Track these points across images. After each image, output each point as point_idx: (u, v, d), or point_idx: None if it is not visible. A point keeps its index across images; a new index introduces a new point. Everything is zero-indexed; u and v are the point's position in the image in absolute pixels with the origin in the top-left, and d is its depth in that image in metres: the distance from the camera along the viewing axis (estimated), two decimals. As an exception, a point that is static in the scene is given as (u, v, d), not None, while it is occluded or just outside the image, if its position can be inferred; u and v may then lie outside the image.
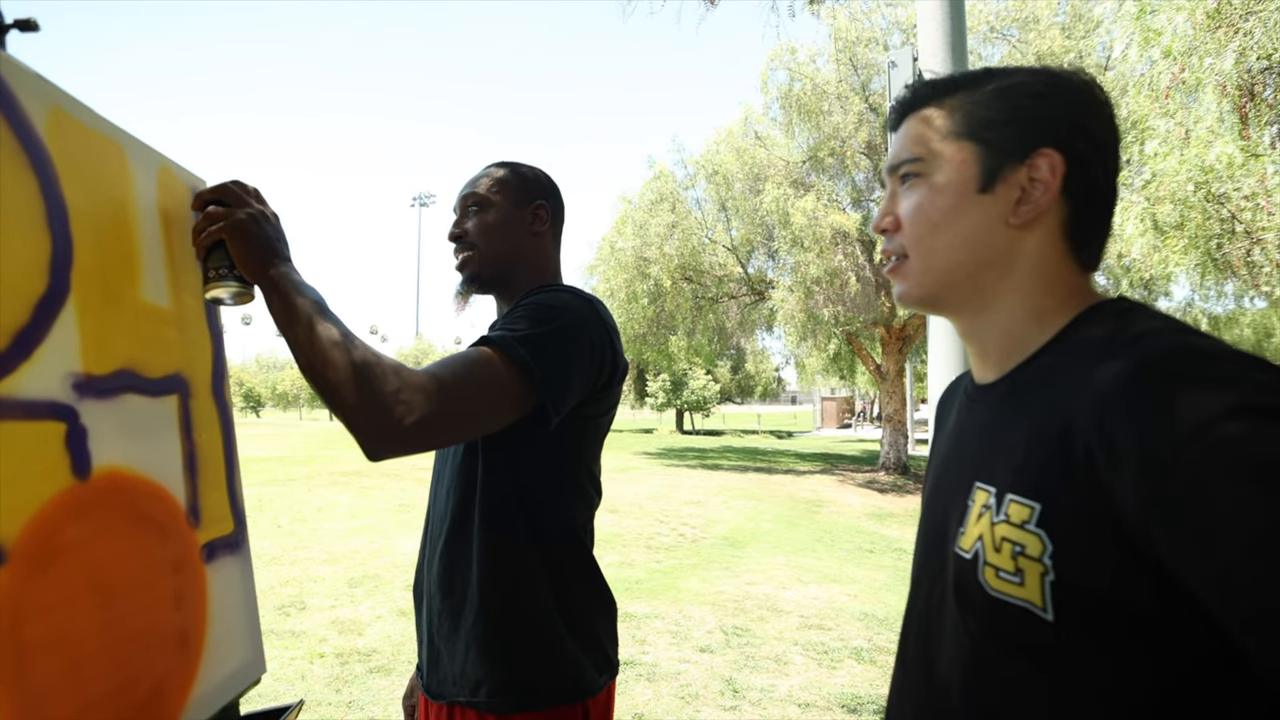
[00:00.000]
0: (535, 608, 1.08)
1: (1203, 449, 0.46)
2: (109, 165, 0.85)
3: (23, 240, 0.70)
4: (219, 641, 0.95)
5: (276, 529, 7.27)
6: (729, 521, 8.35)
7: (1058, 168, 0.63)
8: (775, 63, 12.89)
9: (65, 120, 0.79)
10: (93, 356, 0.78)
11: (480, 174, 1.28)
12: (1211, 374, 0.49)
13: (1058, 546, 0.54)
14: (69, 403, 0.74)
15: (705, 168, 14.95)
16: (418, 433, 0.86)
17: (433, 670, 1.12)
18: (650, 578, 5.56)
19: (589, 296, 1.16)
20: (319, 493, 9.84)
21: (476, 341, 1.00)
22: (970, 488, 0.65)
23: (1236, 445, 0.45)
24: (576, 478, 1.15)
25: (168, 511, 0.88)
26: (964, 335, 0.73)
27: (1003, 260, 0.66)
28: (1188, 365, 0.50)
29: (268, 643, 3.91)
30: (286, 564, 5.76)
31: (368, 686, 3.36)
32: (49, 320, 0.72)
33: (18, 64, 0.74)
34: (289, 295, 0.86)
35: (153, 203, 0.92)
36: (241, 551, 1.04)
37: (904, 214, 0.70)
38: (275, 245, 0.90)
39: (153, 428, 0.87)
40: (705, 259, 15.23)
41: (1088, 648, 0.54)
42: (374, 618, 4.38)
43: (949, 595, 0.65)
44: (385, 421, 0.84)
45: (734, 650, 3.92)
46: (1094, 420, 0.53)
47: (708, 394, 29.27)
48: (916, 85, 0.72)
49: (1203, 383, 0.48)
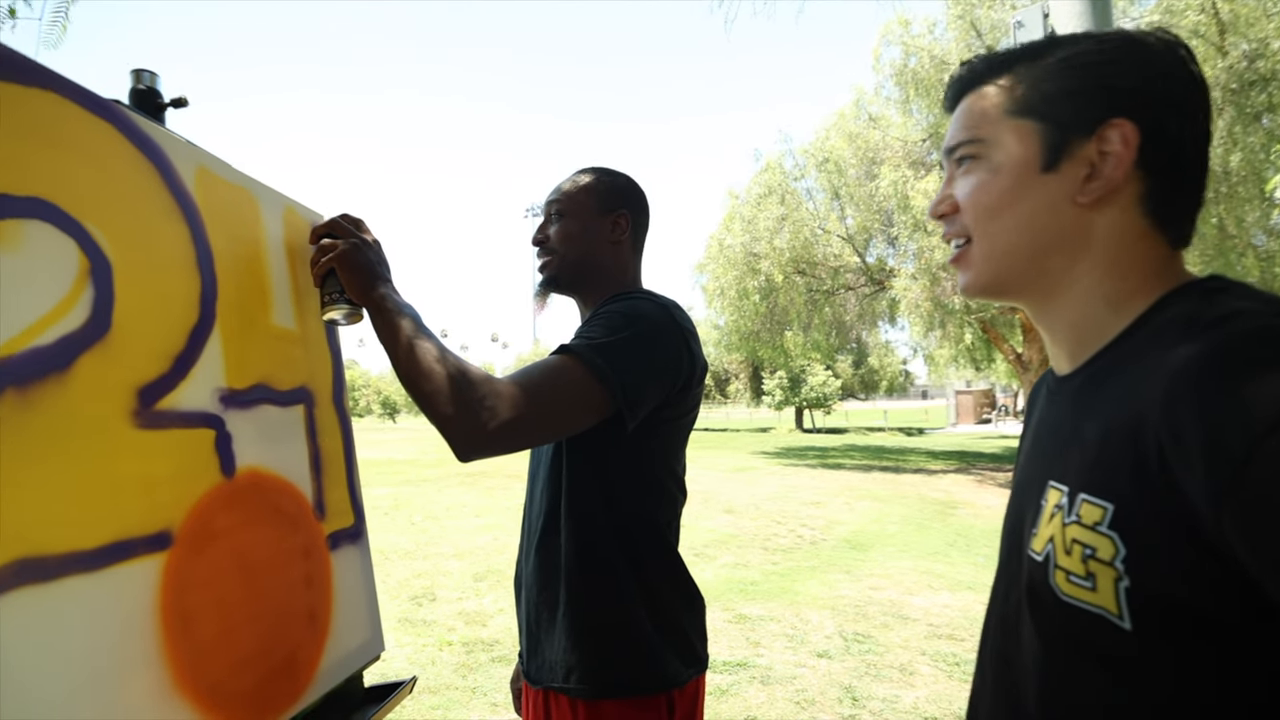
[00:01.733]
0: (620, 603, 1.13)
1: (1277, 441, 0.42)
2: (244, 211, 1.01)
3: (179, 281, 0.85)
4: (343, 620, 1.08)
5: (410, 526, 7.83)
6: (851, 523, 8.10)
7: (1131, 138, 0.58)
8: (888, 39, 12.32)
9: (209, 177, 0.94)
10: (234, 374, 0.93)
11: (567, 180, 1.32)
12: None
13: (1131, 550, 0.50)
14: (217, 413, 0.89)
15: (815, 156, 14.54)
16: (502, 436, 0.94)
17: (532, 657, 1.20)
18: (765, 580, 5.51)
19: (665, 301, 1.19)
20: (448, 493, 10.51)
21: (557, 349, 1.06)
22: (1044, 487, 0.61)
23: None
24: (659, 478, 1.19)
25: (297, 505, 1.03)
26: (1037, 324, 0.69)
27: (1072, 242, 0.62)
28: (1271, 349, 0.45)
29: (404, 630, 4.24)
30: (419, 558, 6.21)
31: (490, 674, 3.57)
32: (200, 345, 0.87)
33: (171, 134, 0.90)
34: (390, 314, 0.97)
35: (280, 240, 1.07)
36: (361, 542, 1.18)
37: (961, 198, 0.67)
38: (377, 270, 1.02)
39: (284, 433, 1.02)
40: (818, 250, 14.82)
41: (1167, 658, 0.51)
42: (497, 610, 4.64)
43: (1024, 600, 0.62)
44: (473, 426, 0.92)
45: (854, 657, 3.80)
46: (1165, 412, 0.48)
47: (828, 390, 28.48)
48: (974, 61, 0.68)
49: None
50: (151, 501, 0.77)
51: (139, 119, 0.84)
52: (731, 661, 3.75)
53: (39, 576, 0.64)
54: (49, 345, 0.67)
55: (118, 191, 0.79)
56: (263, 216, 1.04)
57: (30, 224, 0.67)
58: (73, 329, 0.70)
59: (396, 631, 4.20)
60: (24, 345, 0.65)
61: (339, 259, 1.00)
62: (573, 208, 1.28)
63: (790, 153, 15.30)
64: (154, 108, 0.92)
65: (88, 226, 0.73)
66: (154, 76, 0.92)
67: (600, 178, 1.31)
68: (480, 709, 3.18)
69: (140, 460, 0.76)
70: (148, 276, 0.80)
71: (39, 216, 0.68)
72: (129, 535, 0.73)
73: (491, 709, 3.18)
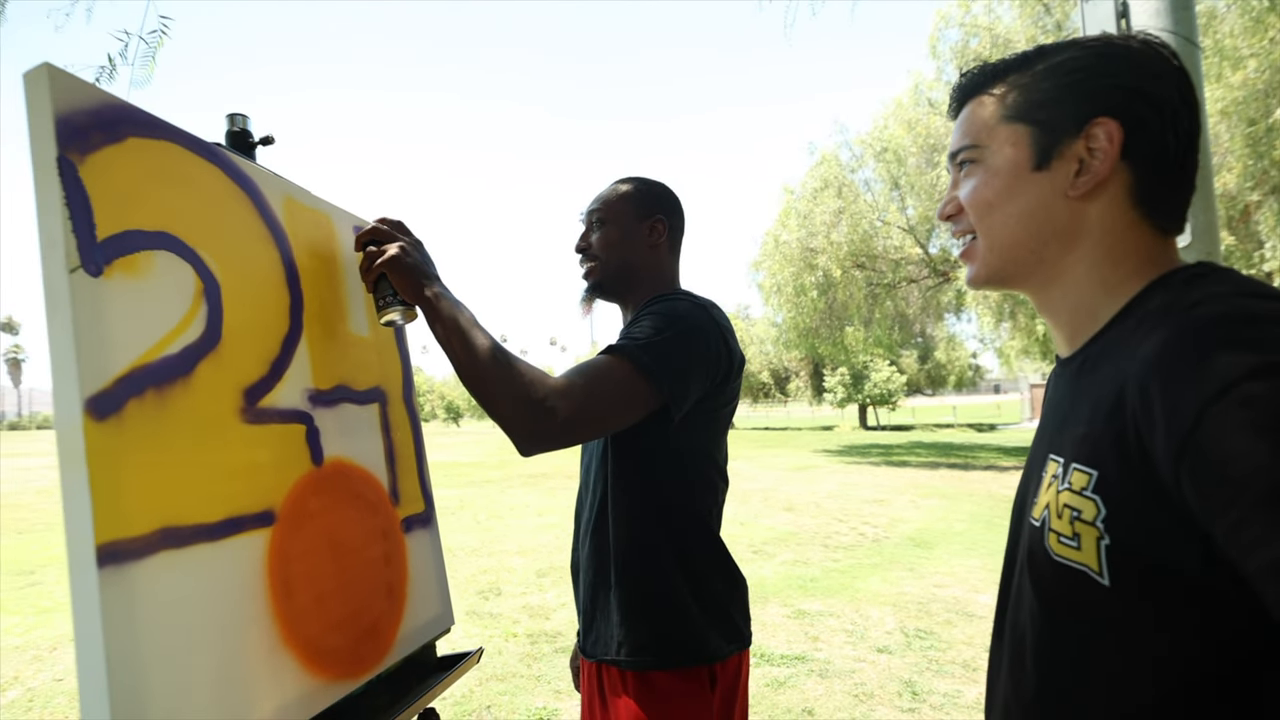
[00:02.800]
0: (665, 583, 1.21)
1: (1223, 407, 0.47)
2: (322, 231, 1.14)
3: (273, 296, 0.99)
4: (416, 596, 1.21)
5: (476, 524, 8.11)
6: (916, 521, 7.96)
7: (1115, 135, 0.63)
8: (945, 22, 12.04)
9: (293, 204, 1.08)
10: (320, 376, 1.06)
11: (606, 190, 1.40)
12: (1249, 336, 0.49)
13: (1110, 511, 0.55)
14: (307, 410, 1.02)
15: (873, 146, 14.25)
16: (561, 432, 1.03)
17: (587, 633, 1.30)
18: (825, 576, 5.50)
19: (702, 301, 1.28)
20: (511, 493, 10.81)
21: (605, 350, 1.14)
22: (1045, 459, 0.67)
23: (1255, 402, 0.46)
24: (701, 466, 1.27)
25: (375, 492, 1.16)
26: (1041, 312, 0.74)
27: (1067, 233, 0.67)
28: (1228, 329, 0.50)
29: (471, 622, 4.44)
30: (485, 555, 6.45)
31: (553, 663, 3.72)
32: (291, 352, 1.01)
33: (262, 169, 1.04)
34: (443, 312, 1.03)
35: (351, 256, 1.20)
36: (431, 526, 1.31)
37: (963, 198, 0.73)
38: (425, 269, 1.07)
39: (362, 428, 1.15)
40: (878, 243, 14.54)
41: (1143, 613, 0.55)
42: (559, 604, 4.80)
43: (1025, 564, 0.67)
44: (535, 423, 1.00)
45: (915, 653, 3.78)
46: (1138, 387, 0.54)
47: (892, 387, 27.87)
48: (970, 72, 0.74)
49: (1237, 346, 0.48)
50: (257, 485, 0.91)
51: (236, 158, 0.99)
52: (789, 654, 3.79)
53: (175, 543, 0.77)
54: (176, 354, 0.81)
55: (222, 222, 0.93)
56: (337, 235, 1.18)
57: (158, 254, 0.82)
58: (193, 340, 0.84)
59: (464, 623, 4.40)
60: (159, 354, 0.79)
61: (388, 264, 1.05)
62: (613, 215, 1.36)
63: (846, 144, 15.09)
64: (246, 146, 1.06)
65: (201, 253, 0.88)
66: (245, 119, 1.07)
67: (637, 186, 1.38)
68: (544, 695, 3.32)
69: (247, 450, 0.90)
70: (248, 293, 0.94)
71: (164, 247, 0.82)
72: (241, 512, 0.87)
73: (554, 695, 3.32)
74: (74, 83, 0.76)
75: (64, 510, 0.70)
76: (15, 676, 3.74)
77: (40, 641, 4.30)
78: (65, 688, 3.56)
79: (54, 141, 0.71)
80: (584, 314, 1.44)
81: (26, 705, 3.37)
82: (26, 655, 4.06)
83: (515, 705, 3.22)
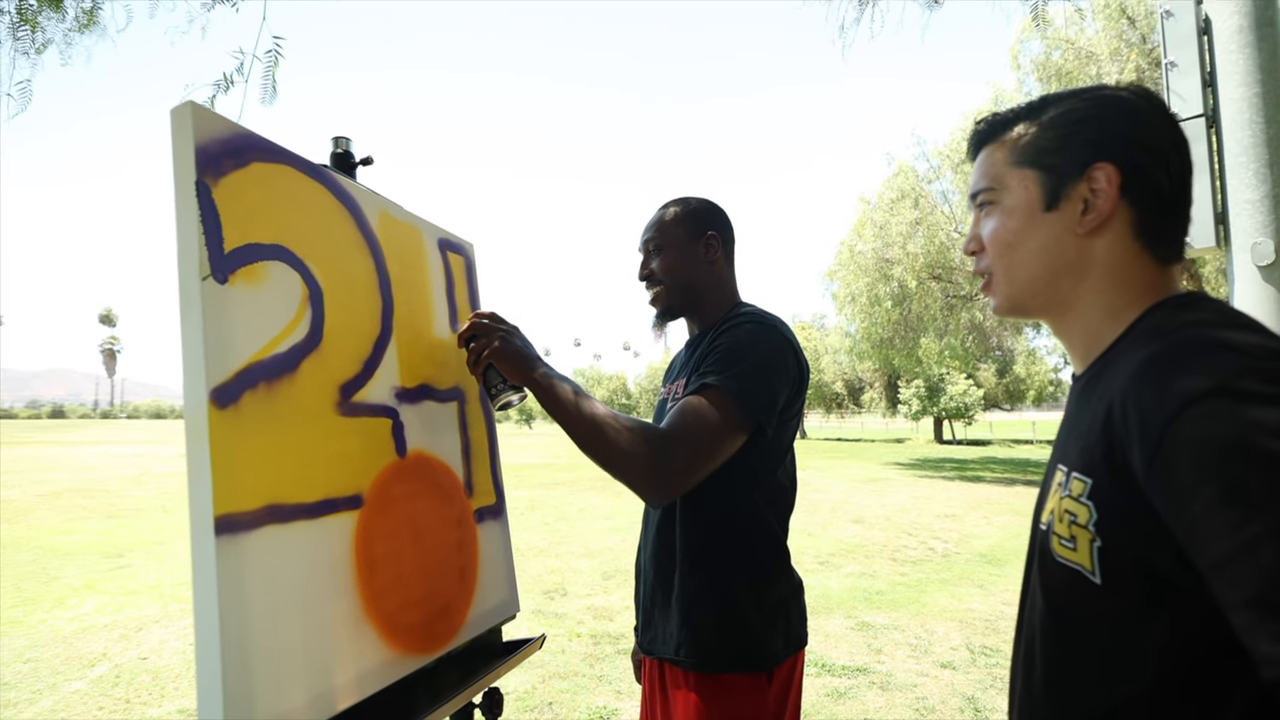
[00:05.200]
0: (729, 586, 1.25)
1: (1180, 424, 0.54)
2: (411, 243, 1.25)
3: (368, 302, 1.10)
4: (486, 582, 1.30)
5: (545, 526, 8.30)
6: (988, 537, 7.69)
7: (1113, 177, 0.70)
8: (1027, 34, 11.71)
9: (387, 219, 1.19)
10: (406, 375, 1.17)
11: (656, 217, 1.45)
12: (1208, 361, 0.55)
13: (1101, 515, 0.62)
14: (393, 405, 1.12)
15: (951, 158, 13.97)
16: (684, 478, 1.11)
17: (646, 630, 1.35)
18: (892, 589, 5.39)
19: (772, 320, 1.32)
20: (579, 496, 11.00)
21: (697, 388, 1.18)
22: (1054, 469, 0.74)
23: (1205, 421, 0.52)
24: (770, 473, 1.29)
25: (452, 483, 1.26)
26: (1057, 335, 0.80)
27: (1077, 266, 0.74)
28: (1192, 354, 0.57)
29: (536, 621, 4.56)
30: (552, 556, 6.60)
31: (615, 664, 3.79)
32: (382, 352, 1.11)
33: (362, 186, 1.15)
34: (554, 391, 1.13)
35: (439, 265, 1.31)
36: (501, 518, 1.40)
37: (985, 237, 0.80)
38: (528, 353, 1.17)
39: (441, 424, 1.25)
40: (955, 255, 14.17)
41: (1130, 607, 0.61)
42: (623, 607, 4.88)
43: (1035, 564, 0.74)
44: (660, 479, 1.09)
45: (980, 670, 3.69)
46: (1120, 401, 0.60)
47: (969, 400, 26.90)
48: (988, 118, 0.82)
49: (1196, 369, 0.55)
50: (349, 470, 1.01)
51: (340, 177, 1.10)
52: (851, 666, 3.74)
53: (279, 519, 0.88)
54: (285, 353, 0.92)
55: (326, 235, 1.04)
56: (425, 246, 1.29)
57: (273, 264, 0.93)
58: (299, 340, 0.95)
59: (530, 622, 4.53)
60: (270, 352, 0.90)
61: (495, 355, 1.15)
62: (669, 240, 1.42)
63: (924, 155, 14.82)
64: (348, 167, 1.18)
65: (308, 263, 0.99)
66: (348, 141, 1.19)
67: (684, 207, 1.44)
68: (605, 695, 3.40)
69: (342, 439, 1.00)
70: (347, 299, 1.05)
71: (278, 258, 0.94)
72: (335, 495, 0.97)
73: (615, 695, 3.39)
74: (211, 116, 0.88)
75: (189, 485, 0.81)
76: (104, 653, 3.99)
77: (128, 621, 4.57)
78: (149, 666, 3.79)
79: (194, 168, 0.83)
80: (656, 338, 1.49)
81: (114, 680, 3.59)
82: (115, 634, 4.31)
83: (576, 703, 3.31)
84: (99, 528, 8.01)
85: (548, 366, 1.17)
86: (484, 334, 1.18)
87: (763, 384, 1.20)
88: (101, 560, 6.37)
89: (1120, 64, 10.46)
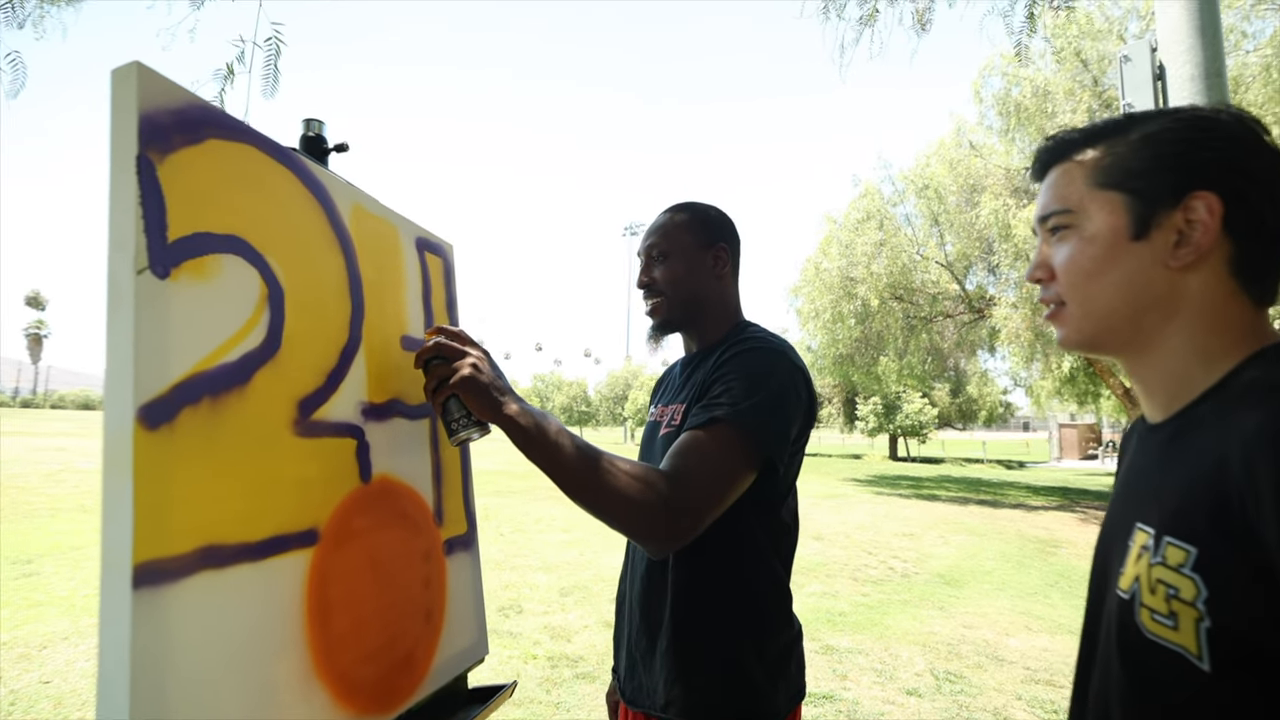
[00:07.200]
0: (728, 637, 1.11)
1: None
2: (386, 241, 1.11)
3: (336, 305, 0.96)
4: (454, 622, 1.16)
5: (499, 537, 8.06)
6: (945, 557, 7.75)
7: (1215, 208, 0.63)
8: (989, 70, 12.13)
9: (361, 212, 1.05)
10: (375, 389, 1.03)
11: (661, 220, 1.32)
12: None
13: (1212, 592, 0.54)
14: (359, 424, 0.98)
15: (915, 182, 14.30)
16: (695, 526, 0.97)
17: (629, 678, 1.21)
18: (855, 611, 5.35)
19: (782, 347, 1.18)
20: (536, 505, 10.75)
21: (705, 422, 1.06)
22: (1132, 528, 0.66)
23: None
24: (774, 505, 1.17)
25: (420, 512, 1.12)
26: (1130, 375, 0.73)
27: (1165, 303, 0.66)
28: None
29: (491, 641, 4.36)
30: (507, 569, 6.38)
31: (574, 690, 3.63)
32: (349, 363, 0.97)
33: (334, 175, 1.01)
34: (530, 431, 0.95)
35: (416, 267, 1.17)
36: (472, 550, 1.26)
37: (1058, 265, 0.72)
38: (498, 386, 0.98)
39: (411, 444, 1.11)
40: (916, 276, 14.49)
41: (1248, 702, 0.53)
42: (582, 626, 4.72)
43: (1113, 636, 0.66)
44: (659, 526, 0.95)
45: (945, 697, 3.65)
46: (1243, 465, 0.53)
47: (924, 419, 27.41)
48: (1060, 135, 0.74)
49: None
50: (304, 501, 0.87)
51: (310, 163, 0.96)
52: (817, 693, 3.66)
53: (216, 563, 0.73)
54: (234, 362, 0.78)
55: (291, 227, 0.90)
56: (401, 246, 1.15)
57: (226, 258, 0.78)
58: (252, 347, 0.81)
59: (485, 637, 4.33)
60: (217, 361, 0.76)
61: (461, 386, 0.96)
62: (675, 247, 1.28)
63: (890, 179, 15.18)
64: (320, 152, 1.04)
65: (268, 258, 0.84)
66: (321, 124, 1.04)
67: (695, 214, 1.31)
68: (563, 722, 3.24)
69: (297, 464, 0.86)
70: (312, 301, 0.91)
71: (233, 251, 0.79)
72: (285, 531, 0.83)
73: (573, 723, 3.24)
74: (161, 82, 0.73)
75: (102, 523, 0.66)
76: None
77: (30, 638, 3.98)
78: (51, 691, 3.29)
79: (136, 140, 0.69)
80: (651, 350, 1.36)
81: (8, 708, 3.11)
82: (14, 652, 3.76)
83: (532, 732, 3.15)
84: (7, 529, 7.12)
85: (520, 400, 0.99)
86: (450, 357, 0.99)
87: (776, 417, 1.08)
88: (6, 566, 5.61)
89: (1074, 103, 10.83)
